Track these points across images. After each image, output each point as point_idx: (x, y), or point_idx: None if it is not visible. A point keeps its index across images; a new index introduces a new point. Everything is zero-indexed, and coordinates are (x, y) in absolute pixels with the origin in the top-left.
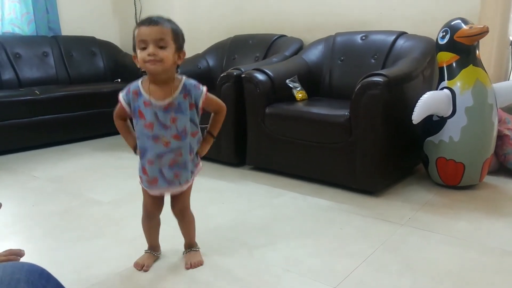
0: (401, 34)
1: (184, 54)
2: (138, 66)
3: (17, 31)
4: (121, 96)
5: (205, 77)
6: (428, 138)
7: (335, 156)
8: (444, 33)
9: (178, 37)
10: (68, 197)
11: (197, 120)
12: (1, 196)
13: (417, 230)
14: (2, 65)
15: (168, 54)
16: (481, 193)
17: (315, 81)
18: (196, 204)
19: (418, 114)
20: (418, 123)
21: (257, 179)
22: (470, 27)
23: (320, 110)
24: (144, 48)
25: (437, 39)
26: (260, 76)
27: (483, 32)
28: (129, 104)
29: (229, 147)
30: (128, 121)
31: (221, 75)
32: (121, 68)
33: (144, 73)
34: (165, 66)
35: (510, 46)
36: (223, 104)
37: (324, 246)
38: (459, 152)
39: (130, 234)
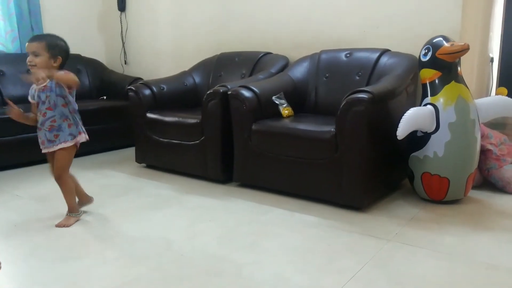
0: (384, 51)
1: (60, 59)
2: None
3: (1, 48)
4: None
5: (191, 94)
6: (413, 154)
7: (322, 172)
8: (426, 51)
9: (51, 48)
10: (51, 216)
11: (67, 96)
12: None
13: (404, 245)
14: None
15: (40, 60)
16: (466, 207)
17: (301, 98)
18: (183, 221)
19: (402, 130)
20: (402, 139)
21: (244, 196)
22: (452, 45)
23: (306, 126)
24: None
25: (419, 56)
26: (246, 93)
27: (464, 50)
28: (32, 97)
29: (216, 164)
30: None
31: (208, 92)
32: (107, 86)
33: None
34: (38, 67)
35: (491, 63)
36: (72, 79)
37: (312, 263)
38: (444, 167)
39: (115, 253)
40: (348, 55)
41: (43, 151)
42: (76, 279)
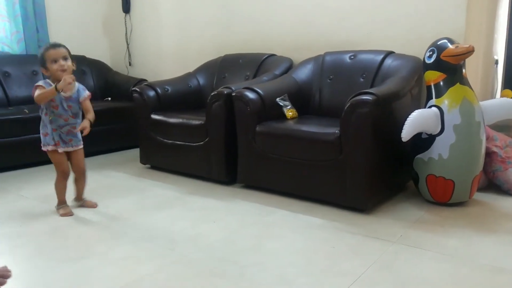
0: (389, 53)
1: (75, 63)
2: (47, 74)
3: (7, 50)
4: (42, 83)
5: (195, 95)
6: (418, 156)
7: (326, 174)
8: (431, 53)
9: (70, 53)
10: (56, 217)
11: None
12: None
13: (409, 247)
14: None
15: (69, 64)
16: (471, 210)
17: (305, 100)
18: (186, 222)
19: (407, 132)
20: (407, 141)
21: (248, 197)
22: (456, 47)
23: (310, 128)
24: (55, 62)
25: (424, 58)
26: (250, 95)
27: (469, 52)
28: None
29: (220, 165)
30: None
31: (212, 94)
32: (111, 87)
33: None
34: (67, 72)
35: (496, 65)
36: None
37: (316, 265)
38: (449, 169)
39: (119, 254)
40: (352, 57)
41: (61, 150)
42: (81, 280)
